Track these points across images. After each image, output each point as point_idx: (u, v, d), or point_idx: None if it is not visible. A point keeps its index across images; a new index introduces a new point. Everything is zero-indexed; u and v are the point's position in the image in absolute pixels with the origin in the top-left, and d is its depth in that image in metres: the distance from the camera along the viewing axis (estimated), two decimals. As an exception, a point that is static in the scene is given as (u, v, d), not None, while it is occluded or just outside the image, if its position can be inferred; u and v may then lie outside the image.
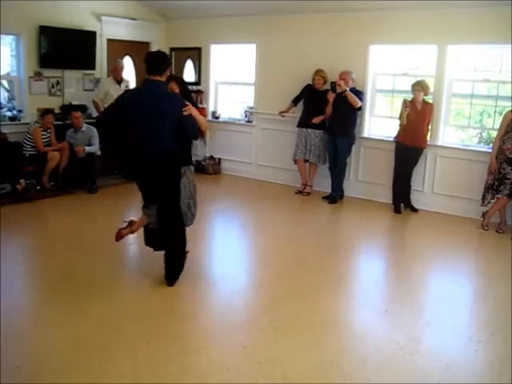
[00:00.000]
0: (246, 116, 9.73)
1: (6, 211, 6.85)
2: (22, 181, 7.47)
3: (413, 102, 7.30)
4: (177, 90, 4.67)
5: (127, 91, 4.87)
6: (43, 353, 3.60)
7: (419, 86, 7.26)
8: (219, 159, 9.93)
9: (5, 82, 8.58)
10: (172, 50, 10.16)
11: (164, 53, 4.80)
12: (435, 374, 3.51)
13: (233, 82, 9.94)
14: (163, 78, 4.51)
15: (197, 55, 9.94)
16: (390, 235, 7.03)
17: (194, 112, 4.51)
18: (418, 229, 7.13)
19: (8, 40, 8.30)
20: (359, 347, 3.86)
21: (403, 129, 7.37)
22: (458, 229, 6.91)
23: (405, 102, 7.29)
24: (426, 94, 7.34)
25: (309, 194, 8.41)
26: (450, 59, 7.38)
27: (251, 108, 9.56)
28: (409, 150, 7.36)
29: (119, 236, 5.15)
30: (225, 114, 10.03)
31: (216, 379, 3.35)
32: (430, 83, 7.43)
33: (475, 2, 6.85)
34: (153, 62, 4.52)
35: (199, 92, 9.94)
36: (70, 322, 4.06)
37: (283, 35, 8.77)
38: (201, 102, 9.89)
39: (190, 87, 9.80)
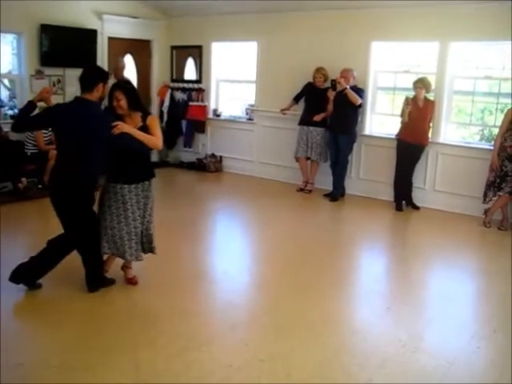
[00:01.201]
0: (247, 114, 9.73)
1: (7, 209, 6.86)
2: (24, 179, 7.47)
3: (415, 99, 7.29)
4: (123, 102, 4.33)
5: (58, 105, 4.42)
6: (45, 351, 3.61)
7: (421, 84, 7.25)
8: (220, 157, 9.92)
9: (6, 81, 8.58)
10: (173, 48, 10.18)
11: (96, 68, 4.62)
12: (437, 372, 3.50)
13: (234, 79, 9.93)
14: (93, 96, 4.26)
15: (198, 53, 9.93)
16: (392, 233, 7.02)
17: (126, 128, 4.21)
18: (419, 226, 7.12)
19: (9, 38, 8.30)
20: (361, 345, 3.86)
21: (405, 126, 7.36)
22: (459, 226, 6.91)
23: (407, 99, 7.28)
24: (427, 92, 7.33)
25: (310, 191, 8.40)
26: (451, 56, 7.37)
27: (252, 106, 9.56)
28: (410, 147, 7.35)
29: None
30: (226, 111, 10.02)
31: (218, 377, 3.35)
32: (432, 80, 7.42)
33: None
34: (82, 78, 4.32)
35: (200, 90, 9.94)
36: (72, 319, 4.06)
37: (284, 33, 8.76)
38: (202, 100, 9.91)
39: (192, 86, 9.98)
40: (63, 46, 8.43)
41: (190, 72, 10.19)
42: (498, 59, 7.22)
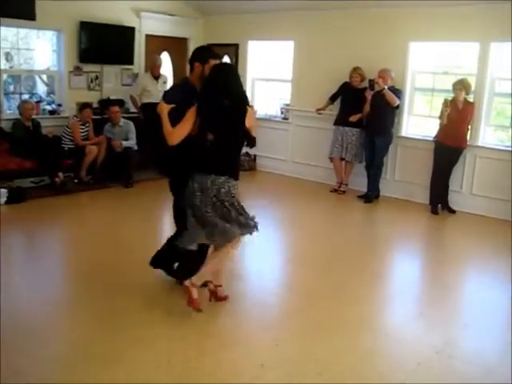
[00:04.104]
0: (282, 113, 9.70)
1: (44, 203, 7.01)
2: (61, 174, 7.58)
3: (454, 101, 7.16)
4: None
5: None
6: (78, 344, 3.65)
7: (461, 85, 7.11)
8: (255, 156, 9.91)
9: (44, 77, 8.74)
10: (209, 46, 10.18)
11: (197, 48, 4.63)
12: (474, 379, 3.43)
13: (270, 78, 9.91)
14: (193, 75, 4.30)
15: (234, 51, 9.92)
16: (427, 236, 6.91)
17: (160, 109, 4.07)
18: (455, 230, 7.00)
19: (49, 35, 8.43)
20: (395, 349, 3.80)
21: (443, 128, 7.24)
22: (496, 231, 6.76)
23: (445, 101, 7.16)
24: (467, 93, 7.18)
25: (344, 192, 8.33)
26: (492, 57, 7.21)
27: (287, 105, 9.53)
28: (448, 149, 7.22)
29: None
30: (261, 110, 9.97)
31: (249, 375, 3.34)
32: (472, 82, 7.27)
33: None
34: None
35: (236, 88, 9.93)
36: (103, 316, 4.08)
37: (321, 32, 8.70)
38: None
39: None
40: (101, 42, 8.54)
41: (225, 70, 10.19)
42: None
